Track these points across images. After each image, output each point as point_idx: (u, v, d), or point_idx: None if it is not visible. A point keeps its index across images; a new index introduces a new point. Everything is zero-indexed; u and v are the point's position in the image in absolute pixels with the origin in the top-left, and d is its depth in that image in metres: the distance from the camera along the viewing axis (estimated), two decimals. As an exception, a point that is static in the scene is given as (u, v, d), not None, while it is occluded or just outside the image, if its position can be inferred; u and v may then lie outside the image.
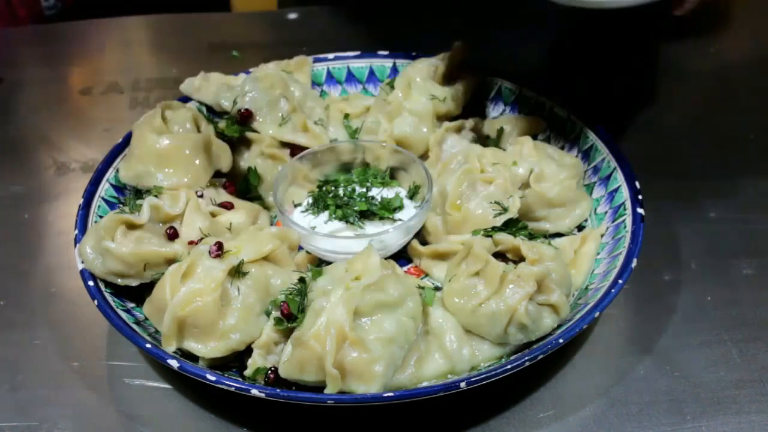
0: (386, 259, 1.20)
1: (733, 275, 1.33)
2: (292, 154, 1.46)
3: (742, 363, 1.20)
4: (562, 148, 1.47)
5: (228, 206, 1.35)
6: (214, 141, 1.41)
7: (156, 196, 1.28)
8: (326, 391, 1.06)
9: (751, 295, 1.30)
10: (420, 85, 1.47)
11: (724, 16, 2.00)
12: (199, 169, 1.36)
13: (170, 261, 1.20)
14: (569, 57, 1.84)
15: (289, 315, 1.12)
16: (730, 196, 1.48)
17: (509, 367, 1.07)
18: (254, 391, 1.05)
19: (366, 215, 1.34)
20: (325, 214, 1.34)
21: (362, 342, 1.06)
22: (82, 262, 1.21)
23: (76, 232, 1.27)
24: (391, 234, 1.29)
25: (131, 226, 1.23)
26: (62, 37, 1.97)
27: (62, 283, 1.35)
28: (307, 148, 1.44)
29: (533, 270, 1.15)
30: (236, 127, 1.46)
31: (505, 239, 1.21)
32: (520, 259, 1.20)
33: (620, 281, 1.18)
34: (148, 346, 1.10)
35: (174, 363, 1.08)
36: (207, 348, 1.13)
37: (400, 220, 1.33)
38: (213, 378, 1.07)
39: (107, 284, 1.21)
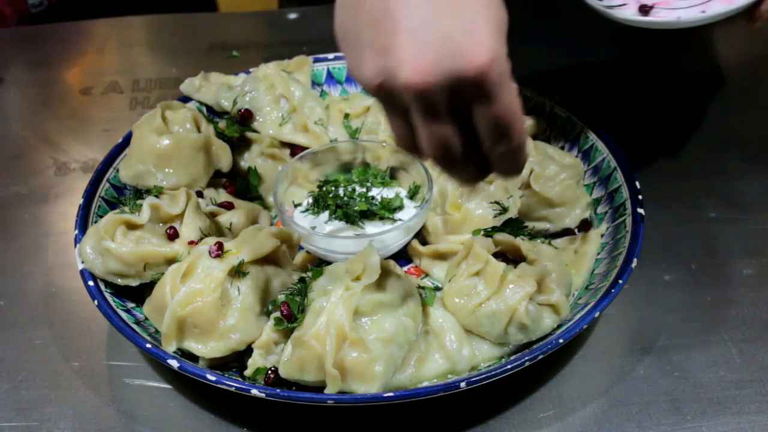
0: (386, 259, 1.20)
1: (733, 275, 1.33)
2: (292, 154, 1.46)
3: (742, 363, 1.20)
4: (562, 148, 1.48)
5: (228, 206, 1.35)
6: (214, 141, 1.41)
7: (156, 196, 1.28)
8: (326, 391, 1.06)
9: (751, 295, 1.30)
10: (420, 85, 1.47)
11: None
12: (199, 169, 1.36)
13: (170, 261, 1.20)
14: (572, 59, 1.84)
15: (290, 315, 1.12)
16: (730, 196, 1.48)
17: (509, 367, 1.07)
18: (254, 391, 1.05)
19: (366, 215, 1.34)
20: (325, 214, 1.34)
21: (362, 342, 1.06)
22: (82, 262, 1.21)
23: (76, 232, 1.27)
24: (391, 234, 1.29)
25: (131, 226, 1.23)
26: (62, 37, 1.97)
27: (62, 283, 1.35)
28: (307, 148, 1.44)
29: (533, 270, 1.15)
30: (236, 127, 1.46)
31: (505, 239, 1.21)
32: (520, 259, 1.20)
33: (620, 281, 1.18)
34: (148, 346, 1.10)
35: (174, 363, 1.08)
36: (207, 348, 1.13)
37: (400, 220, 1.33)
38: (213, 378, 1.07)
39: (107, 284, 1.21)
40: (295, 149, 1.46)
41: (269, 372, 1.12)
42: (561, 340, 1.10)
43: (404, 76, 0.84)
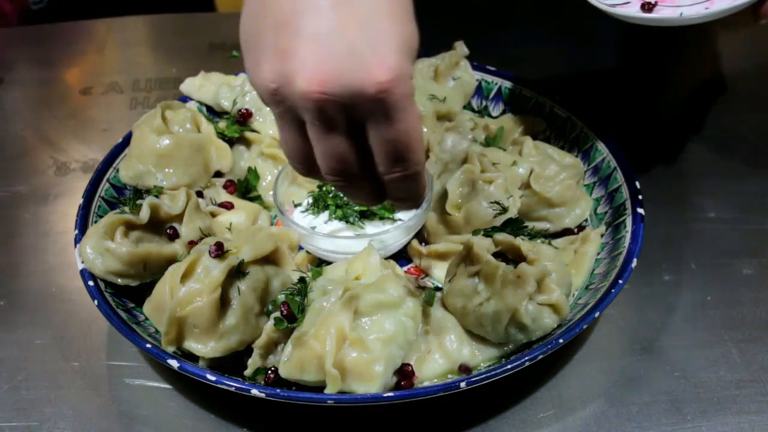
0: (386, 259, 1.20)
1: (733, 275, 1.33)
2: (292, 154, 1.46)
3: (742, 363, 1.20)
4: (562, 148, 1.47)
5: (228, 206, 1.35)
6: (214, 141, 1.41)
7: (156, 196, 1.28)
8: (326, 391, 1.06)
9: (751, 295, 1.30)
10: (420, 85, 1.47)
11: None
12: (199, 169, 1.37)
13: (170, 261, 1.20)
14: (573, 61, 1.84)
15: (290, 315, 1.12)
16: (730, 196, 1.48)
17: (509, 367, 1.07)
18: (254, 391, 1.05)
19: (366, 215, 1.34)
20: (325, 214, 1.34)
21: (362, 342, 1.06)
22: (82, 262, 1.21)
23: (76, 232, 1.27)
24: (391, 234, 1.29)
25: (131, 226, 1.22)
26: (62, 37, 1.97)
27: (62, 283, 1.35)
28: (307, 148, 1.44)
29: (533, 270, 1.15)
30: (236, 127, 1.46)
31: (505, 239, 1.21)
32: (520, 259, 1.20)
33: (620, 281, 1.18)
34: (148, 346, 1.10)
35: (174, 363, 1.08)
36: (207, 348, 1.13)
37: (400, 220, 1.33)
38: (213, 378, 1.07)
39: (107, 284, 1.21)
40: (295, 149, 1.46)
41: (269, 372, 1.12)
42: (561, 340, 1.10)
43: (301, 83, 0.80)
